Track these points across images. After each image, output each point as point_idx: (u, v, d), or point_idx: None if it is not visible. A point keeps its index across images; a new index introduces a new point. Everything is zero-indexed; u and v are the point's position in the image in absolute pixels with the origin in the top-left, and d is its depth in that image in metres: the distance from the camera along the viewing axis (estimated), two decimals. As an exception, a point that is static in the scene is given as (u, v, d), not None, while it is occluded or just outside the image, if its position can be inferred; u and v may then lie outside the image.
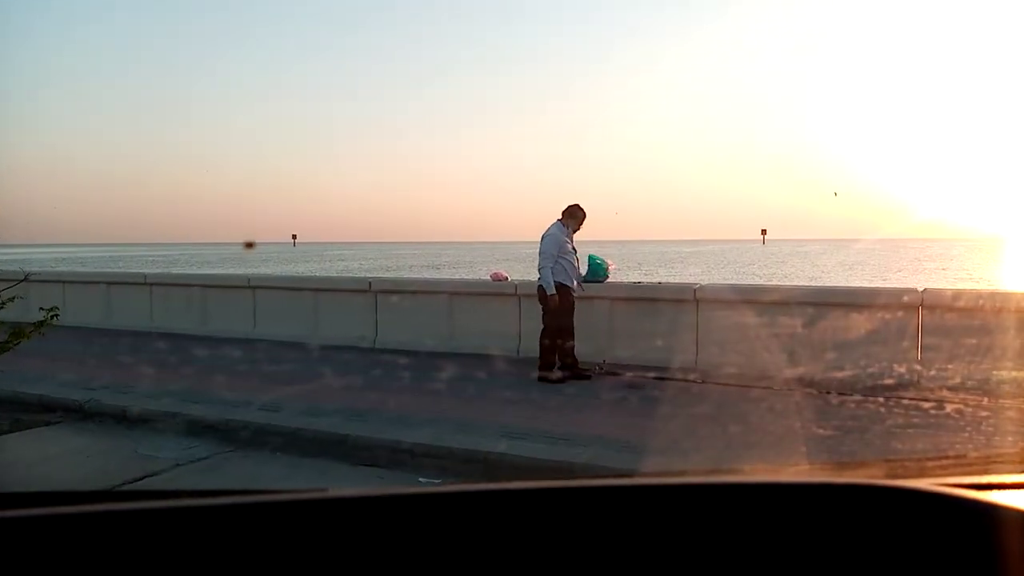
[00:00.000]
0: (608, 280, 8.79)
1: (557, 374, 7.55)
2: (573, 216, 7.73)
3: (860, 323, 7.42)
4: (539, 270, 7.56)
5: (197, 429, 6.11)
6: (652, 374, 7.61)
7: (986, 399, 6.27)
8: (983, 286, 33.97)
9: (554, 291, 7.44)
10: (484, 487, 0.85)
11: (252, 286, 11.29)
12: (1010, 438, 5.38)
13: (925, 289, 7.30)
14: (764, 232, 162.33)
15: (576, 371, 7.60)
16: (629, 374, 7.71)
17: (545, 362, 7.56)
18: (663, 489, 0.84)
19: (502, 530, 0.77)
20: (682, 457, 4.86)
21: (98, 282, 13.10)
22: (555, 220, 7.74)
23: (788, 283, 35.18)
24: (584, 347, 7.96)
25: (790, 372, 7.26)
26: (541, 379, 7.49)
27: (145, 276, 12.51)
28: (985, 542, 0.72)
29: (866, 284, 30.28)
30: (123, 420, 6.58)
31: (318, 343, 9.95)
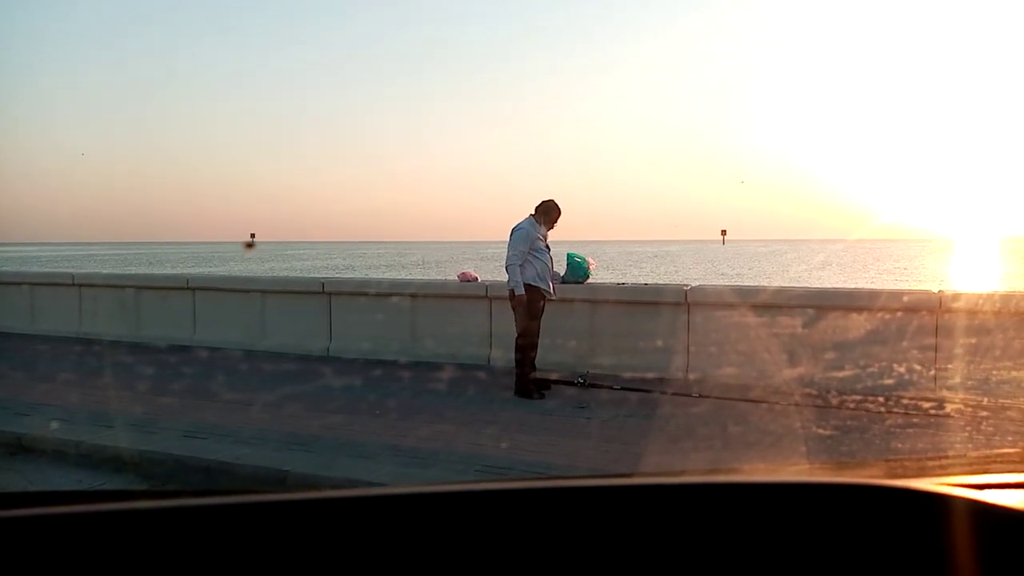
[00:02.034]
0: (589, 280, 7.96)
1: (538, 380, 6.75)
2: (547, 212, 6.88)
3: (872, 325, 6.95)
4: (507, 268, 6.69)
5: (105, 461, 5.04)
6: (642, 386, 6.86)
7: (986, 399, 6.11)
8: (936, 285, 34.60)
9: (523, 290, 6.60)
10: (484, 487, 0.83)
11: (191, 287, 10.19)
12: (1010, 438, 5.27)
13: (941, 291, 6.94)
14: (724, 233, 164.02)
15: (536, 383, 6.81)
16: (616, 386, 6.85)
17: (522, 373, 6.67)
18: (663, 489, 0.83)
19: (502, 530, 0.76)
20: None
21: (20, 283, 11.87)
22: (527, 216, 6.89)
23: (767, 283, 35.05)
24: (564, 355, 7.14)
25: (789, 378, 6.80)
26: (519, 394, 6.63)
27: (73, 276, 11.28)
28: (984, 542, 0.71)
29: (862, 285, 30.14)
30: (19, 450, 5.47)
31: (265, 350, 8.99)
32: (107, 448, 5.18)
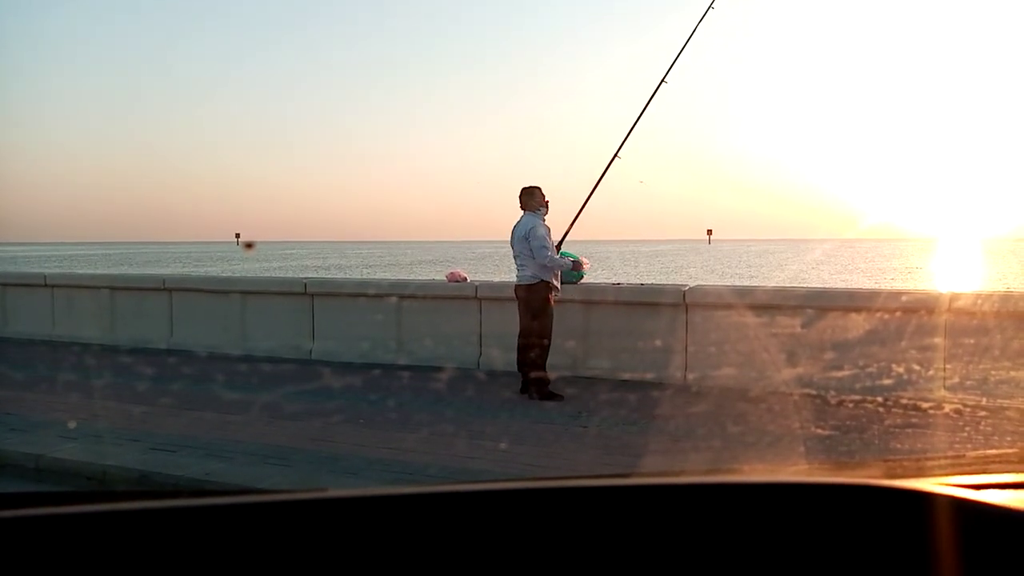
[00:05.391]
0: (583, 280, 7.67)
1: (559, 388, 6.50)
2: (542, 201, 6.63)
3: (871, 325, 6.77)
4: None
5: (61, 476, 4.66)
6: (641, 390, 6.62)
7: (985, 399, 6.03)
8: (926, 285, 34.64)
9: (557, 285, 6.50)
10: (483, 487, 0.83)
11: (168, 288, 9.80)
12: (1008, 438, 5.25)
13: (940, 291, 6.88)
14: (710, 232, 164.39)
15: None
16: (615, 393, 6.59)
17: (540, 376, 6.42)
18: (663, 489, 0.83)
19: (501, 530, 0.76)
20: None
21: (-8, 285, 11.41)
22: (527, 213, 6.62)
23: (764, 282, 35.09)
24: (560, 356, 6.87)
25: (788, 378, 6.63)
26: (544, 397, 6.37)
27: (45, 277, 10.89)
28: (983, 543, 0.71)
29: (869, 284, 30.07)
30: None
31: (245, 354, 8.59)
32: (67, 461, 4.80)
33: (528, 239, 6.42)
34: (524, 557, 0.74)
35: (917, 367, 6.44)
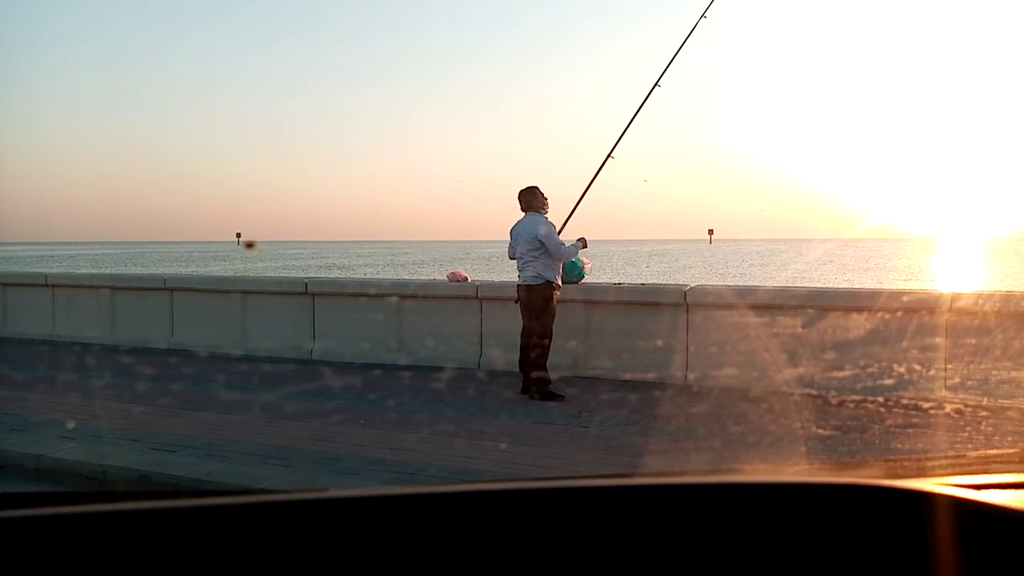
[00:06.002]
0: (584, 280, 7.66)
1: (560, 388, 6.48)
2: (543, 200, 6.65)
3: (872, 325, 6.77)
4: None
5: (61, 476, 4.65)
6: (642, 390, 6.62)
7: (985, 399, 6.05)
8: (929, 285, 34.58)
9: (559, 283, 6.55)
10: (484, 487, 0.83)
11: (169, 288, 9.78)
12: (1009, 438, 5.27)
13: (941, 291, 6.79)
14: (711, 232, 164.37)
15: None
16: (616, 393, 6.58)
17: (541, 376, 6.40)
18: (663, 489, 0.83)
19: (501, 530, 0.76)
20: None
21: (-8, 284, 11.40)
22: (530, 213, 6.63)
23: (766, 281, 35.11)
24: (561, 356, 6.85)
25: (789, 378, 6.64)
26: (545, 397, 6.35)
27: (46, 277, 10.87)
28: (983, 543, 0.71)
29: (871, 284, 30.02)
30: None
31: (245, 354, 8.60)
32: (67, 461, 4.79)
33: (537, 238, 6.44)
34: (524, 557, 0.74)
35: (918, 367, 6.46)
